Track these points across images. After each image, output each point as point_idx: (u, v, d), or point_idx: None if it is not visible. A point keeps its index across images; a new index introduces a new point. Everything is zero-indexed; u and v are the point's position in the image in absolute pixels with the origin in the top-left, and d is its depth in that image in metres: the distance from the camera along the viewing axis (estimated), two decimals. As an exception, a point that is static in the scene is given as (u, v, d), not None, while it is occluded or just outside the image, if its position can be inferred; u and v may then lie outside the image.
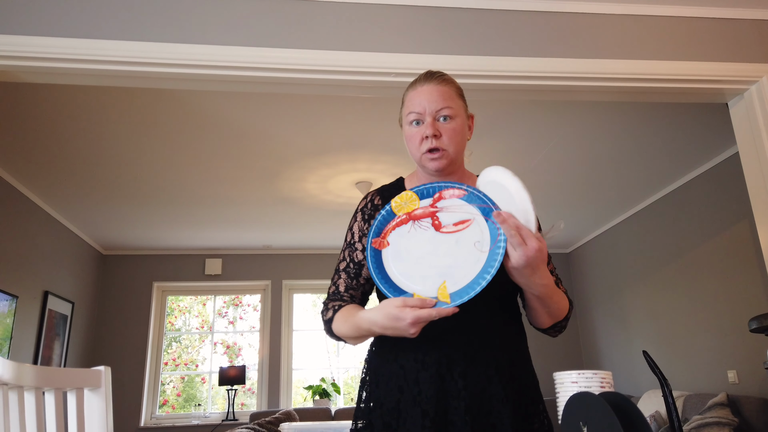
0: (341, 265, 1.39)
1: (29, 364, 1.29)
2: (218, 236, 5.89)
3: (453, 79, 1.34)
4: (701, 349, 4.47)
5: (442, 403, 1.20)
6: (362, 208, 1.41)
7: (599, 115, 3.54)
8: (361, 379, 1.36)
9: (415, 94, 1.30)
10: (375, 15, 2.29)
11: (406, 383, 1.23)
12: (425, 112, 1.27)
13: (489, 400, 1.20)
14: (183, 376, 6.46)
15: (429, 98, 1.28)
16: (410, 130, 1.30)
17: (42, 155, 3.82)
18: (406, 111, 1.31)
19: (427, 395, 1.20)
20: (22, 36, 2.03)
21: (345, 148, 3.92)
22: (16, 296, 4.28)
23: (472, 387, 1.20)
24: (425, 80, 1.31)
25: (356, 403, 1.33)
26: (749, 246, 3.95)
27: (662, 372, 1.13)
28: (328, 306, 1.34)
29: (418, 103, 1.28)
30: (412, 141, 1.31)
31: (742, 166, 2.50)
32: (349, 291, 1.37)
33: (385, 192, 1.41)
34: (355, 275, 1.37)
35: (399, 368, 1.26)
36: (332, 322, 1.30)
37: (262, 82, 2.22)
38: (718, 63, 2.42)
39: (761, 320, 2.40)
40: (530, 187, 1.57)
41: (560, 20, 2.40)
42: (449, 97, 1.29)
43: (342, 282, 1.37)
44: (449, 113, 1.28)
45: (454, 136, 1.28)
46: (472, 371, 1.21)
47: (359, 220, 1.40)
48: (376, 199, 1.40)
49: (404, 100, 1.34)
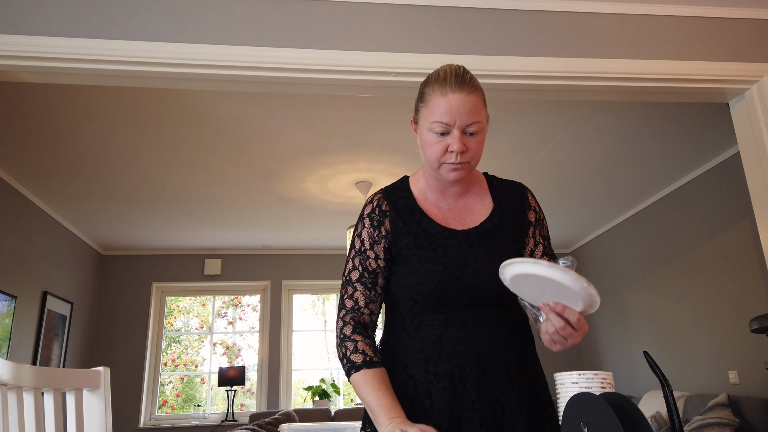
0: (353, 275, 1.31)
1: (28, 365, 1.29)
2: (217, 236, 5.89)
3: (479, 83, 1.25)
4: (702, 349, 4.46)
5: (455, 415, 1.18)
6: (369, 213, 1.34)
7: (600, 115, 3.54)
8: None
9: (444, 102, 1.20)
10: (375, 15, 2.28)
11: (417, 395, 1.21)
12: (454, 125, 1.19)
13: (503, 411, 1.19)
14: (182, 376, 6.45)
15: (460, 111, 1.19)
16: (432, 137, 1.22)
17: (41, 155, 3.81)
18: (431, 117, 1.21)
19: (440, 407, 1.18)
20: (22, 36, 2.02)
21: (345, 148, 3.91)
22: (15, 296, 4.28)
23: (486, 398, 1.19)
24: (457, 87, 1.20)
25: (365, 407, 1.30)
26: (750, 246, 3.94)
27: (663, 372, 1.13)
28: (357, 345, 1.22)
29: (447, 114, 1.19)
30: (431, 148, 1.22)
31: (743, 165, 2.49)
32: (369, 306, 1.29)
33: (390, 195, 1.35)
34: (372, 285, 1.29)
35: (408, 378, 1.23)
36: (356, 371, 1.20)
37: (262, 81, 2.22)
38: (719, 63, 2.41)
39: (762, 320, 2.40)
40: (530, 187, 1.56)
41: (560, 20, 2.39)
42: (479, 110, 1.21)
43: (360, 295, 1.28)
44: (477, 128, 1.21)
45: (478, 150, 1.23)
46: (484, 382, 1.20)
47: (368, 227, 1.32)
48: (383, 205, 1.33)
49: (427, 99, 1.24)
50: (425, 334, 1.23)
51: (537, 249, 1.35)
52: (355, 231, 1.36)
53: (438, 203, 1.34)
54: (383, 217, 1.32)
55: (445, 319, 1.23)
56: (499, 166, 4.22)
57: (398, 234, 1.29)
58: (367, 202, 1.38)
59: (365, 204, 1.38)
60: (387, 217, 1.32)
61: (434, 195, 1.35)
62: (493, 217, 1.32)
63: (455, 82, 1.20)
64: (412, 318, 1.26)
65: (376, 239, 1.31)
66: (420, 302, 1.24)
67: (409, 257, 1.27)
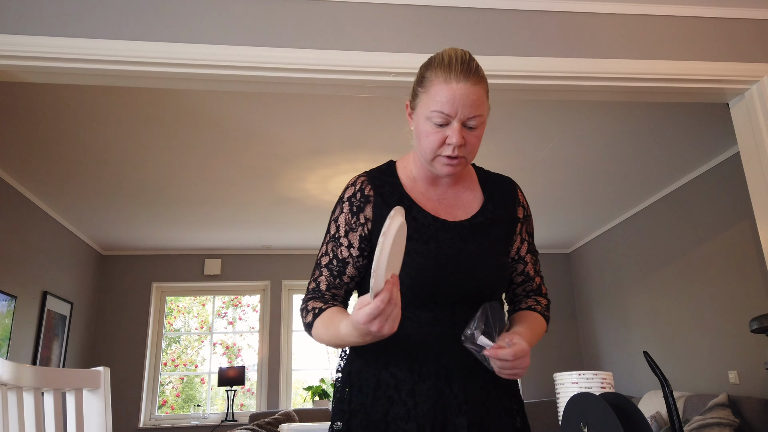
0: (323, 259, 1.25)
1: (28, 365, 1.29)
2: (217, 236, 5.88)
3: (484, 73, 1.18)
4: (702, 349, 4.46)
5: (440, 418, 1.13)
6: (350, 197, 1.24)
7: (600, 115, 3.54)
8: (336, 378, 1.25)
9: (447, 91, 1.12)
10: (375, 15, 2.28)
11: (398, 394, 1.14)
12: (455, 117, 1.12)
13: (488, 414, 1.17)
14: (182, 376, 6.45)
15: (463, 102, 1.11)
16: (429, 127, 1.15)
17: (41, 155, 3.81)
18: (431, 105, 1.13)
19: (423, 409, 1.12)
20: (22, 36, 2.02)
21: (345, 148, 3.91)
22: (15, 296, 4.28)
23: (473, 401, 1.15)
24: (462, 76, 1.12)
25: (334, 400, 1.23)
26: (750, 246, 3.94)
27: (663, 372, 1.13)
28: (308, 307, 1.21)
29: (449, 104, 1.11)
30: (428, 138, 1.15)
31: (743, 165, 2.49)
32: (331, 290, 1.23)
33: (376, 180, 1.26)
34: (338, 273, 1.23)
35: (390, 377, 1.16)
36: (312, 327, 1.19)
37: (263, 81, 2.22)
38: (719, 63, 2.41)
39: (762, 320, 2.39)
40: (531, 187, 1.56)
41: (560, 19, 2.39)
42: (482, 103, 1.15)
43: (323, 279, 1.23)
44: (478, 122, 1.14)
45: (476, 144, 1.17)
46: (471, 385, 1.16)
47: (346, 212, 1.23)
48: (367, 189, 1.24)
49: (428, 85, 1.16)
50: (410, 330, 1.15)
51: (523, 246, 1.32)
52: (332, 215, 1.27)
53: (427, 192, 1.27)
54: (365, 203, 1.23)
55: (433, 317, 1.15)
56: (499, 166, 4.20)
57: (383, 223, 1.20)
58: (349, 184, 1.27)
59: (347, 186, 1.27)
60: (369, 203, 1.23)
61: (423, 183, 1.27)
62: (484, 211, 1.27)
63: (461, 70, 1.12)
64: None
65: (353, 226, 1.22)
66: (408, 297, 1.14)
67: None
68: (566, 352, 6.48)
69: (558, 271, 6.77)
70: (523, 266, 1.33)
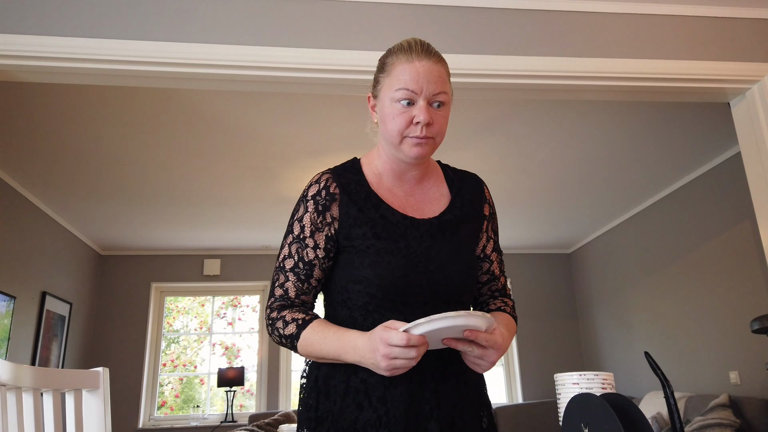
0: (287, 263, 1.19)
1: (27, 365, 1.28)
2: (217, 236, 5.88)
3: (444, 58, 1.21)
4: (703, 350, 4.46)
5: (412, 424, 1.11)
6: (314, 195, 1.19)
7: (600, 115, 3.54)
8: (302, 384, 1.22)
9: (410, 68, 1.13)
10: (375, 15, 2.28)
11: (368, 400, 1.11)
12: (421, 93, 1.12)
13: (461, 416, 1.16)
14: (181, 377, 6.44)
15: (428, 78, 1.12)
16: (395, 108, 1.13)
17: (40, 155, 3.81)
18: (395, 85, 1.13)
19: (395, 415, 1.10)
20: (22, 36, 2.02)
21: (345, 148, 3.91)
22: (14, 297, 4.27)
23: (445, 405, 1.13)
24: (423, 55, 1.14)
25: (300, 407, 1.19)
26: (751, 246, 3.94)
27: (664, 373, 1.13)
28: (286, 317, 1.14)
29: (413, 81, 1.12)
30: (394, 120, 1.13)
31: (744, 165, 2.49)
32: (300, 296, 1.18)
33: (341, 177, 1.21)
34: (305, 277, 1.18)
35: (359, 383, 1.12)
36: (297, 339, 1.12)
37: (263, 81, 2.22)
38: (720, 62, 2.41)
39: (763, 321, 2.39)
40: (531, 187, 1.56)
41: (560, 19, 2.39)
42: (445, 81, 1.16)
43: (291, 285, 1.18)
44: (444, 99, 1.14)
45: (444, 125, 1.15)
46: (443, 388, 1.14)
47: (311, 211, 1.18)
48: (332, 187, 1.19)
49: (389, 69, 1.17)
50: None
51: (488, 244, 1.31)
52: (294, 214, 1.21)
53: (393, 189, 1.24)
54: (330, 202, 1.18)
55: (404, 319, 1.10)
56: (499, 166, 4.22)
57: (350, 222, 1.17)
58: (313, 181, 1.22)
59: (310, 184, 1.22)
60: (335, 201, 1.18)
61: (390, 179, 1.24)
62: (453, 208, 1.24)
63: (421, 50, 1.15)
64: (365, 316, 1.14)
65: (319, 226, 1.18)
66: (378, 298, 1.12)
67: (366, 248, 1.15)
68: (567, 352, 6.47)
69: (559, 271, 6.76)
70: (488, 265, 1.31)
